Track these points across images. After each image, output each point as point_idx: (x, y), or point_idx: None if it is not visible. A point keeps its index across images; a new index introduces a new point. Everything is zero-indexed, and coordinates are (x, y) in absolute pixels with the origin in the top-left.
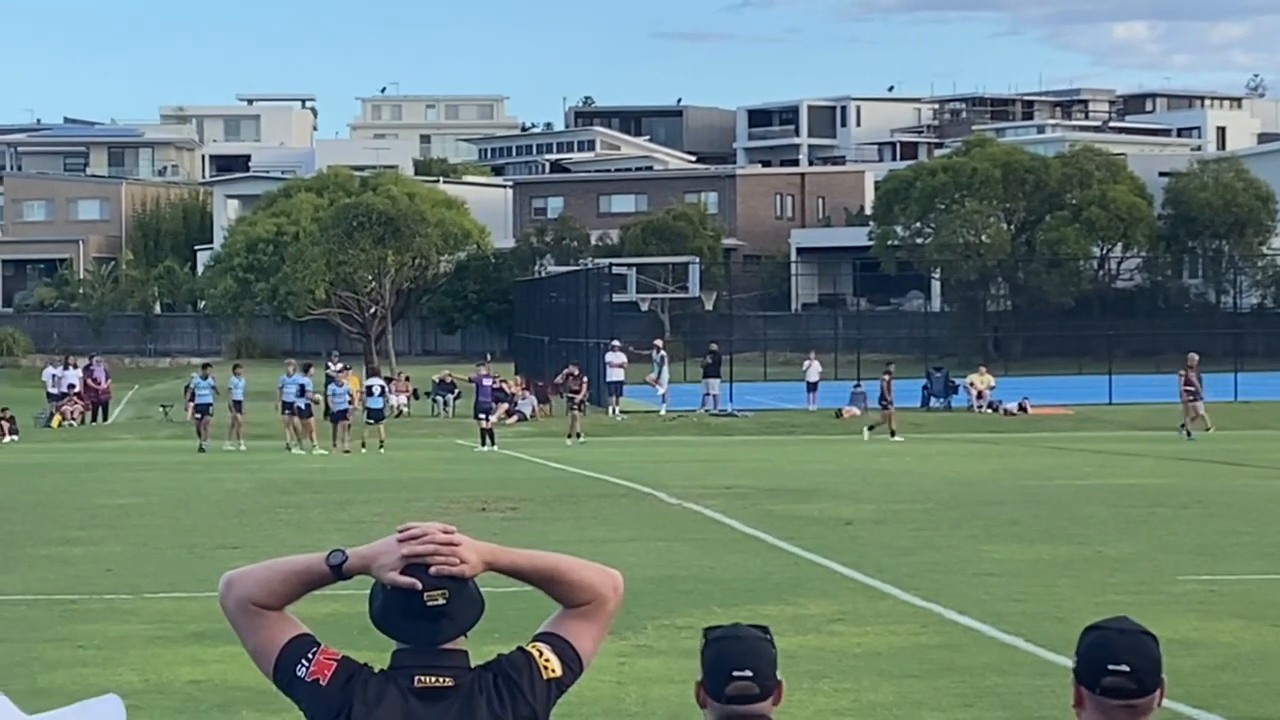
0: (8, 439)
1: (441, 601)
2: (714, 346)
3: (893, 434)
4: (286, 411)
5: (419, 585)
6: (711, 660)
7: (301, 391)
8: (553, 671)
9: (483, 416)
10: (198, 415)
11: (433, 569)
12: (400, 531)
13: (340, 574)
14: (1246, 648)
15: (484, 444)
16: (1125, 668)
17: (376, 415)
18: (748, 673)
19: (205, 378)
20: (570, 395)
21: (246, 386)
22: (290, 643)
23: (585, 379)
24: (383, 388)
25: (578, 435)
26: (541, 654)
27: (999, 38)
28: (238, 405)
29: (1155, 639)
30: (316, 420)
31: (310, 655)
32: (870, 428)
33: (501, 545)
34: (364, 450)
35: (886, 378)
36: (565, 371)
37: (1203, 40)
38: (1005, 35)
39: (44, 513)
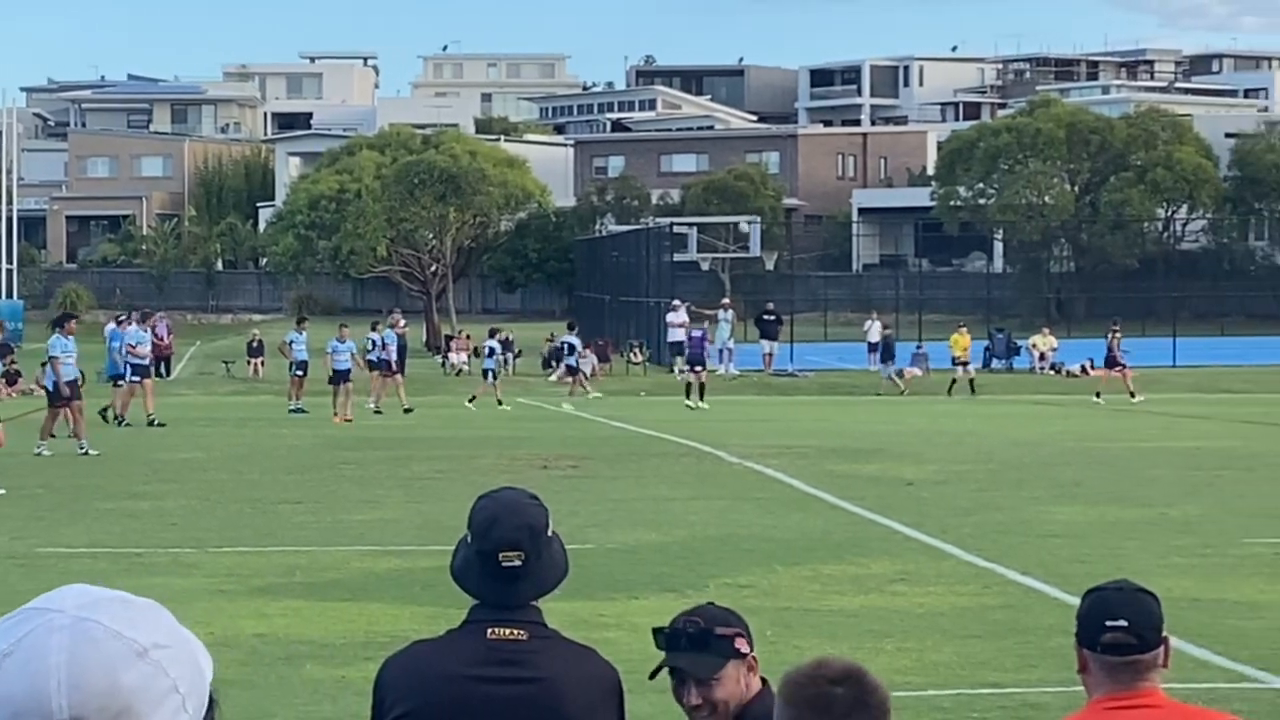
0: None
1: (517, 563)
2: (770, 307)
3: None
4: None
5: None
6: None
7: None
8: None
9: (699, 369)
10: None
11: None
12: None
13: None
14: None
15: (689, 397)
16: (1123, 622)
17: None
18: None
19: (343, 340)
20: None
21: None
22: None
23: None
24: (499, 346)
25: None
26: None
27: None
28: (387, 364)
29: (1156, 597)
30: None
31: None
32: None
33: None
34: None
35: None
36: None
37: (1271, 1)
38: None
39: (109, 467)
